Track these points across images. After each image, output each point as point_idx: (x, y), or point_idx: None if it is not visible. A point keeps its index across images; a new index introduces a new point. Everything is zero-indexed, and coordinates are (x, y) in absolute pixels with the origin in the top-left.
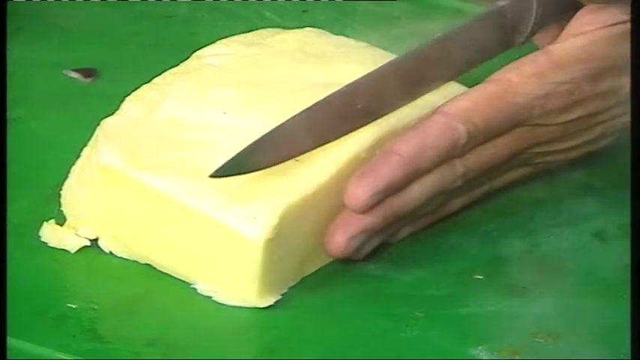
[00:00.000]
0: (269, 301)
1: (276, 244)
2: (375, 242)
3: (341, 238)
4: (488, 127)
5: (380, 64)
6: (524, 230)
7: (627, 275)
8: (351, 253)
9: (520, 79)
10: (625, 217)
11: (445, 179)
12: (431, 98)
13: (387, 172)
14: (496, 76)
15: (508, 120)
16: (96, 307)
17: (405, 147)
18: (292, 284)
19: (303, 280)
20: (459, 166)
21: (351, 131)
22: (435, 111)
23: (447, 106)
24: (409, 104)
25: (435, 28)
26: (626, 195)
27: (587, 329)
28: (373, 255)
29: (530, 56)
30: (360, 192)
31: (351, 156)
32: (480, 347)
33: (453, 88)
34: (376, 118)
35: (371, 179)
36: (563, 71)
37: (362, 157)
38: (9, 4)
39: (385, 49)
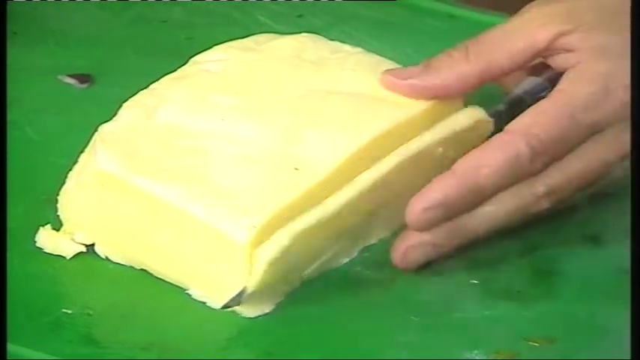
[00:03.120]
0: (261, 310)
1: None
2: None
3: (399, 252)
4: (552, 137)
5: (376, 71)
6: (519, 234)
7: (622, 279)
8: (410, 265)
9: (569, 85)
10: (620, 221)
11: (525, 200)
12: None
13: (440, 187)
14: (553, 90)
15: (574, 128)
16: (91, 312)
17: (460, 164)
18: (286, 293)
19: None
20: (540, 186)
21: None
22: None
23: (509, 125)
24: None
25: (428, 34)
26: (622, 199)
27: (583, 333)
28: (369, 260)
29: (569, 69)
30: (413, 206)
31: (346, 159)
32: (475, 351)
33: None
34: None
35: (425, 195)
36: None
37: (357, 160)
38: None
39: (381, 54)
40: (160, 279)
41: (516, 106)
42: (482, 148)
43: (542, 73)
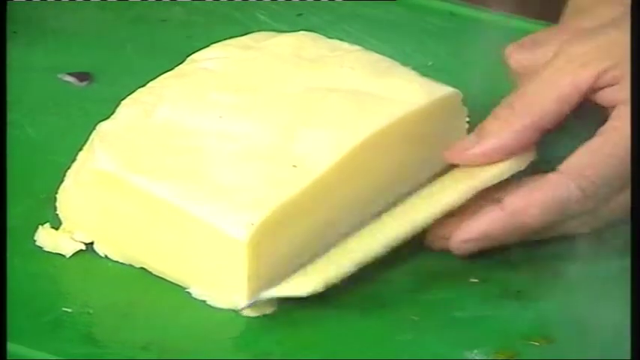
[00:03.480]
0: (261, 310)
1: (263, 244)
2: None
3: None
4: (604, 178)
5: (375, 68)
6: None
7: (623, 278)
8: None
9: (621, 123)
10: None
11: (574, 229)
12: None
13: (487, 222)
14: (604, 127)
15: (625, 168)
16: (91, 311)
17: (510, 201)
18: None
19: None
20: (590, 219)
21: None
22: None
23: (562, 165)
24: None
25: (428, 32)
26: None
27: (582, 333)
28: None
29: (619, 106)
30: (458, 235)
31: (345, 156)
32: (475, 351)
33: None
34: None
35: (471, 227)
36: None
37: (355, 157)
38: None
39: (381, 53)
40: (160, 277)
41: None
42: (533, 188)
43: None
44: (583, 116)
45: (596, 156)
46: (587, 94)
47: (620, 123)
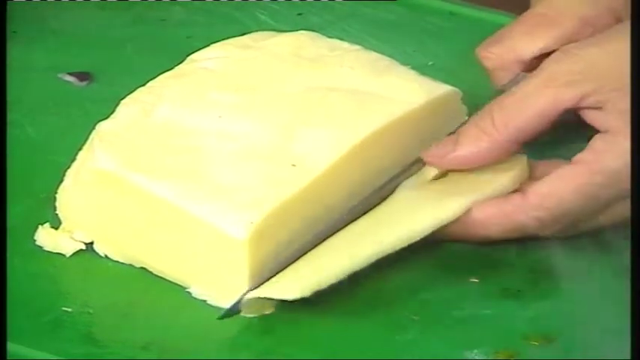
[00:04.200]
0: (261, 310)
1: (263, 243)
2: None
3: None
4: (565, 212)
5: (374, 68)
6: None
7: (622, 277)
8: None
9: (594, 157)
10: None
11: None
12: None
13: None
14: (578, 156)
15: (590, 204)
16: (91, 310)
17: (477, 210)
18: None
19: None
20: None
21: None
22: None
23: (529, 187)
24: None
25: (428, 31)
26: None
27: (582, 333)
28: None
29: (597, 136)
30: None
31: (344, 155)
32: (475, 350)
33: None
34: None
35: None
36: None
37: (355, 156)
38: None
39: (379, 52)
40: (160, 277)
41: None
42: (498, 205)
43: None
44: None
45: (560, 188)
46: (569, 111)
47: (593, 156)
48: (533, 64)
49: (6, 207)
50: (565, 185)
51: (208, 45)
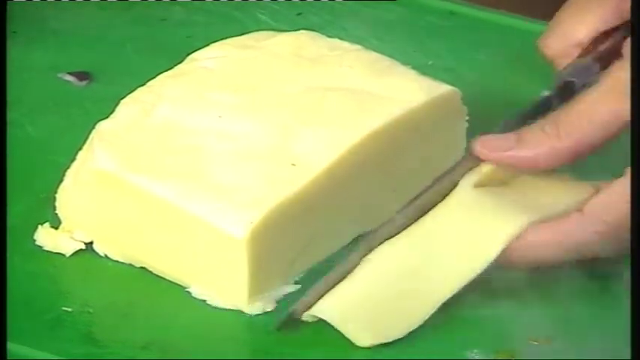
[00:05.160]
0: (262, 308)
1: (263, 243)
2: None
3: None
4: (625, 225)
5: (374, 67)
6: None
7: (623, 278)
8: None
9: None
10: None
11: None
12: None
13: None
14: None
15: None
16: (91, 310)
17: (532, 234)
18: (283, 288)
19: (298, 282)
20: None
21: None
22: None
23: (587, 205)
24: None
25: (428, 31)
26: None
27: (582, 333)
28: None
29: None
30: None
31: (343, 154)
32: (475, 350)
33: None
34: None
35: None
36: None
37: (354, 155)
38: None
39: (379, 51)
40: (160, 277)
41: (567, 92)
42: (555, 226)
43: (591, 53)
44: None
45: (618, 200)
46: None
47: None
48: (593, 44)
49: (6, 207)
50: (622, 197)
51: (208, 45)
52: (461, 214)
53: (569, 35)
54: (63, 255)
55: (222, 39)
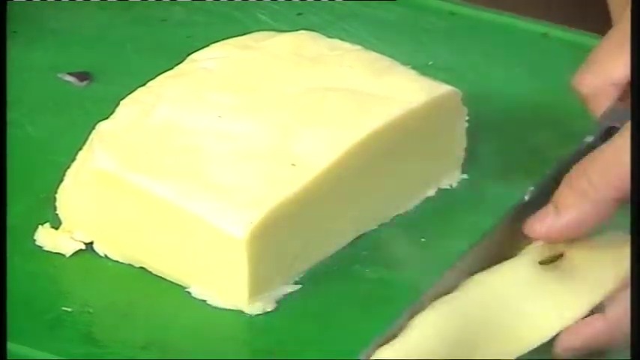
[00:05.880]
0: (263, 308)
1: (263, 243)
2: None
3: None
4: None
5: (374, 68)
6: None
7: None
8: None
9: None
10: (621, 219)
11: None
12: None
13: (590, 334)
14: None
15: None
16: (91, 310)
17: (613, 312)
18: (283, 288)
19: (299, 282)
20: None
21: None
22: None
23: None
24: None
25: (428, 31)
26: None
27: None
28: (368, 258)
29: None
30: (561, 340)
31: (343, 155)
32: None
33: None
34: None
35: (572, 335)
36: None
37: (354, 155)
38: None
39: (379, 51)
40: (160, 277)
41: (609, 137)
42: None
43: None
44: None
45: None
46: None
47: None
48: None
49: (6, 207)
50: None
51: (208, 45)
52: (519, 289)
53: (605, 73)
54: (63, 255)
55: (222, 39)
